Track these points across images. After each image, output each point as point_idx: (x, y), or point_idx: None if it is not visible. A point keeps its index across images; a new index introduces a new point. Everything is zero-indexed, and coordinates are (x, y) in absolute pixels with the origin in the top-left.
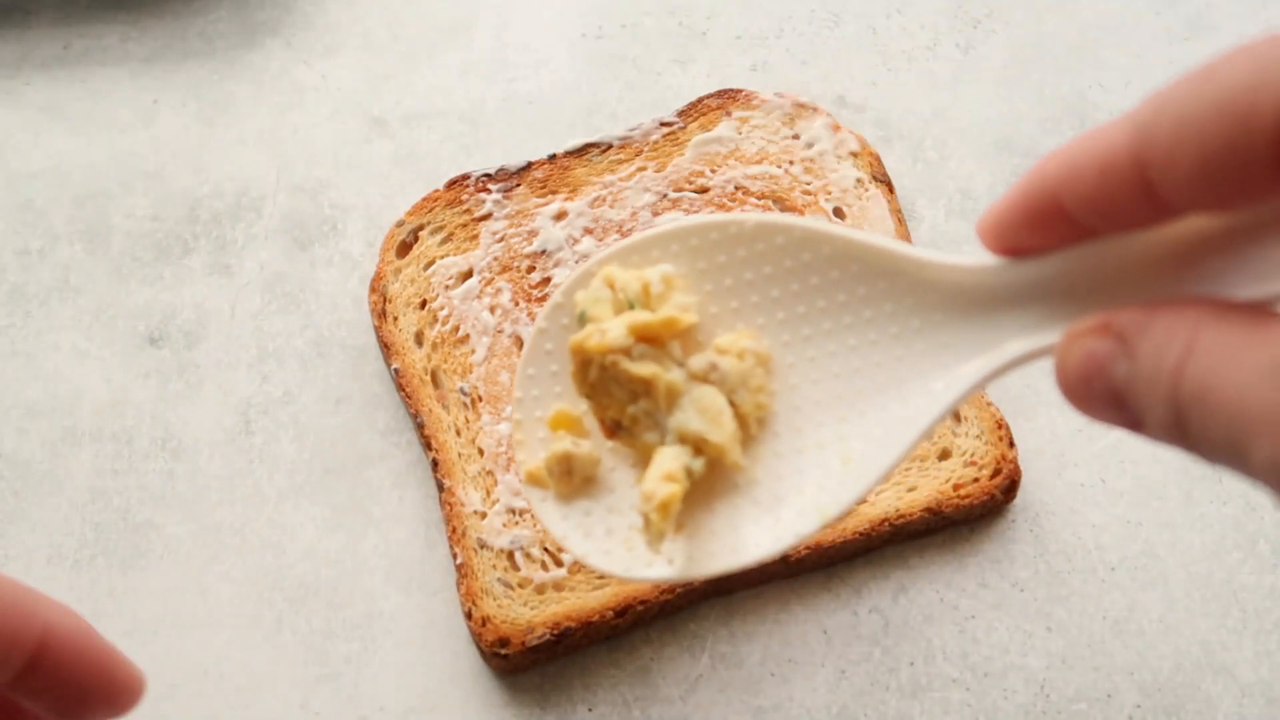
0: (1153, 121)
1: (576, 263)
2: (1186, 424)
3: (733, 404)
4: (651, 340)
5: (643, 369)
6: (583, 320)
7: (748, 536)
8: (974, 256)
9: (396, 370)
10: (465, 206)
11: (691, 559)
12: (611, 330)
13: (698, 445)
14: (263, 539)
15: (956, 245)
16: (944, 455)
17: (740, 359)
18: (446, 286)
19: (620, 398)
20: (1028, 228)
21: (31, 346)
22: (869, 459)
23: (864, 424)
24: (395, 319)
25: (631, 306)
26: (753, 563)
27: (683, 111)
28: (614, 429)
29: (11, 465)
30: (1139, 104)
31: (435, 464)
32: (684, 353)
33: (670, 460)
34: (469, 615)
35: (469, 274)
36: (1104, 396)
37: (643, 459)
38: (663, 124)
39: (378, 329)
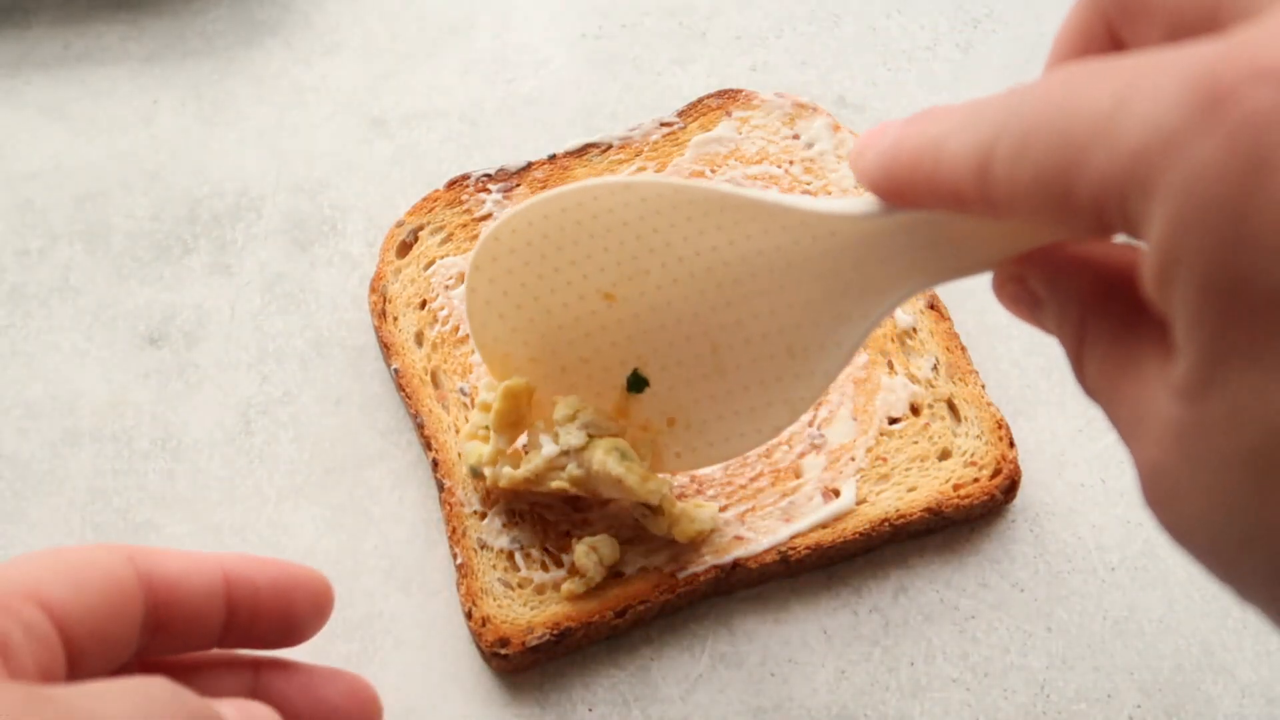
0: (987, 170)
1: None
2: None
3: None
4: (518, 423)
5: (551, 485)
6: (475, 473)
7: (735, 430)
8: (853, 202)
9: (396, 370)
10: (465, 206)
11: (695, 450)
12: (501, 478)
13: (619, 449)
14: (263, 539)
15: None
16: (944, 455)
17: (582, 409)
18: (446, 286)
19: (559, 504)
20: (896, 197)
21: (31, 346)
22: (813, 352)
23: (804, 329)
24: (395, 319)
25: (488, 408)
26: (743, 452)
27: (683, 111)
28: (583, 508)
29: (11, 465)
30: (981, 125)
31: (435, 464)
32: (543, 416)
33: (612, 461)
34: (469, 615)
35: None
36: (1038, 327)
37: (612, 491)
38: (663, 124)
39: (378, 329)
